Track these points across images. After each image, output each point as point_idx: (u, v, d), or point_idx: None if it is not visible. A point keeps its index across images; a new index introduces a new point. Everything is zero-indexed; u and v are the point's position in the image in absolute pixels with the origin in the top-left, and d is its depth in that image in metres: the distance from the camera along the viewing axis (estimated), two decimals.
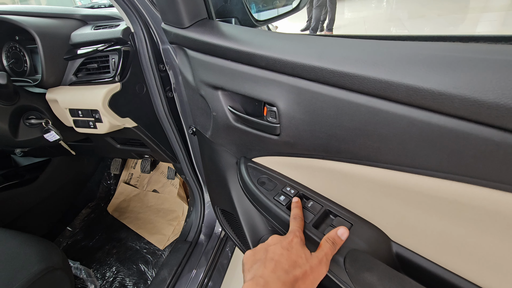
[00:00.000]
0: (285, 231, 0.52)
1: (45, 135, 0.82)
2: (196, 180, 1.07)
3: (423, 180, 0.34)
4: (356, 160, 0.40)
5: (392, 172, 0.37)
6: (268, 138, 0.51)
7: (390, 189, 0.39)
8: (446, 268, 0.39)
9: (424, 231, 0.39)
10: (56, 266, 0.72)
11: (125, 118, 0.79)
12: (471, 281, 0.37)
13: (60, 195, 1.30)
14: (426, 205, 0.36)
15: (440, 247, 0.38)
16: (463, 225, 0.33)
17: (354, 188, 0.45)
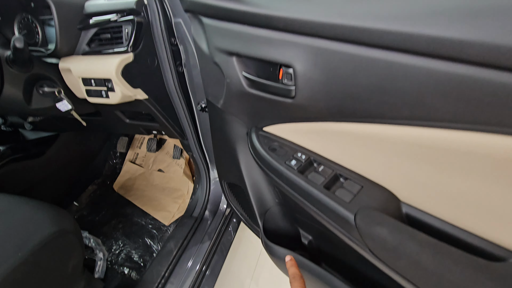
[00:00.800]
0: (294, 193, 0.54)
1: (57, 104, 0.83)
2: (202, 157, 1.09)
3: (438, 134, 0.35)
4: (370, 119, 0.41)
5: (406, 129, 0.38)
6: (282, 102, 0.52)
7: (402, 147, 0.40)
8: (457, 226, 0.40)
9: (434, 188, 0.40)
10: (68, 230, 0.74)
11: (137, 89, 0.80)
12: (484, 238, 0.38)
13: (67, 170, 1.32)
14: (438, 160, 0.37)
15: (451, 204, 0.40)
16: (476, 178, 0.34)
17: (366, 150, 0.46)
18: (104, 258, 1.01)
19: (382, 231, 0.41)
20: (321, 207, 0.49)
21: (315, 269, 0.65)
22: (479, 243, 0.38)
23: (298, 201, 0.55)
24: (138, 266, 1.07)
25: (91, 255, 1.03)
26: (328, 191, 0.49)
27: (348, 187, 0.49)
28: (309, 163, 0.55)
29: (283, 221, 0.81)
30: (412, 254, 0.38)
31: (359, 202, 0.46)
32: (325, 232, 0.69)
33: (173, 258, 0.94)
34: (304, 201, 0.53)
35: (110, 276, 1.00)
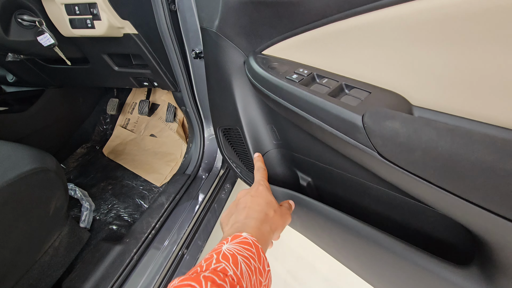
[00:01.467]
0: (296, 108, 0.49)
1: (38, 38, 0.76)
2: (196, 111, 1.03)
3: None
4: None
5: (420, 2, 0.34)
6: (283, 1, 0.47)
7: (422, 28, 0.36)
8: (480, 120, 0.36)
9: (450, 78, 0.36)
10: (49, 168, 0.69)
11: (125, 21, 0.74)
12: None
13: (53, 130, 1.25)
14: (452, 33, 0.32)
15: (467, 93, 0.36)
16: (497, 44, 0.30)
17: (375, 48, 0.42)
18: (91, 209, 0.96)
19: (394, 124, 0.37)
20: (325, 116, 0.45)
21: (314, 204, 0.61)
22: (495, 132, 0.34)
23: (299, 118, 0.50)
24: (128, 224, 1.02)
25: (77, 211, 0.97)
26: (334, 98, 0.45)
27: (355, 95, 0.45)
28: (311, 77, 0.50)
29: (280, 166, 0.76)
30: (429, 142, 0.34)
31: (367, 105, 0.42)
32: (325, 168, 0.65)
33: (165, 211, 0.90)
34: (306, 115, 0.48)
35: (97, 228, 0.95)
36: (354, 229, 0.54)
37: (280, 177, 0.76)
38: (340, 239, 0.60)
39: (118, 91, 1.51)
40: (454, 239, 0.47)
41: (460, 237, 0.45)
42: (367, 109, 0.41)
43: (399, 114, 0.38)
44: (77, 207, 1.04)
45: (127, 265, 0.75)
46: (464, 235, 0.44)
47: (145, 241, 0.81)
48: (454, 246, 0.47)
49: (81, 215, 0.93)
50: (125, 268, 0.75)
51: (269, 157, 0.76)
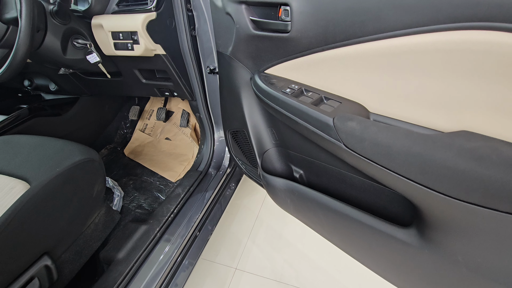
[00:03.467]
0: (289, 114, 0.67)
1: (87, 57, 0.96)
2: (208, 117, 1.22)
3: (391, 42, 0.49)
4: (347, 40, 0.55)
5: (371, 44, 0.52)
6: (280, 38, 0.65)
7: (369, 61, 0.54)
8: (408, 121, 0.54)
9: (392, 92, 0.54)
10: (95, 159, 0.87)
11: (157, 44, 0.94)
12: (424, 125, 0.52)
13: (83, 132, 1.45)
14: (393, 65, 0.50)
15: (403, 103, 0.53)
16: (422, 73, 0.48)
17: (343, 72, 0.60)
18: (121, 196, 1.13)
19: (352, 124, 0.54)
20: (309, 119, 0.63)
21: (304, 189, 0.78)
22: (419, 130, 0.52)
23: (291, 121, 0.68)
24: (148, 212, 1.19)
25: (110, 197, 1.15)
26: (315, 106, 0.63)
27: (330, 104, 0.63)
28: (300, 91, 0.68)
29: (278, 161, 0.94)
30: (373, 135, 0.52)
31: (337, 111, 0.60)
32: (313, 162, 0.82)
33: (181, 200, 1.07)
34: (295, 118, 0.66)
35: (125, 212, 1.13)
36: (333, 207, 0.71)
37: (279, 170, 0.93)
38: (323, 216, 0.76)
39: (139, 99, 1.71)
40: (401, 208, 0.63)
41: (404, 206, 0.62)
42: (336, 114, 0.58)
43: (356, 117, 0.55)
44: (107, 192, 1.22)
45: (151, 241, 0.92)
46: (407, 205, 0.61)
47: (165, 222, 0.98)
48: (401, 213, 0.63)
49: (113, 200, 1.10)
50: (149, 244, 0.91)
51: (270, 154, 0.94)
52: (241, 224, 1.50)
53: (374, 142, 0.51)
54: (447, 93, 0.46)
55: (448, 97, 0.46)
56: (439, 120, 0.50)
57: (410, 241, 0.58)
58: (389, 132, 0.50)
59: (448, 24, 0.42)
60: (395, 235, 0.60)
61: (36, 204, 0.70)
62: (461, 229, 0.48)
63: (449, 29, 0.42)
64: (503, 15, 0.37)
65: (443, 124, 0.49)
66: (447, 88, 0.46)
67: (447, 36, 0.43)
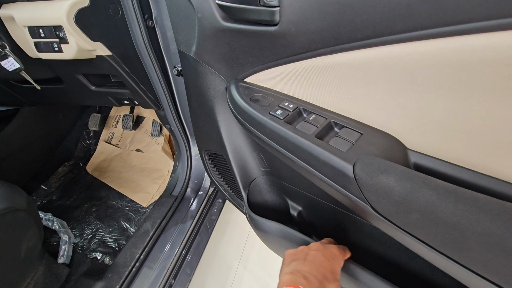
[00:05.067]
0: (281, 148, 0.45)
1: (2, 63, 0.70)
2: (182, 129, 0.98)
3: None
4: (378, 37, 0.32)
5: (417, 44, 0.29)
6: (264, 33, 0.42)
7: (411, 71, 0.31)
8: (480, 171, 0.32)
9: (451, 123, 0.32)
10: (18, 207, 0.63)
11: (97, 42, 0.68)
12: None
13: (32, 149, 1.18)
14: (455, 80, 0.28)
15: (467, 142, 0.32)
16: (498, 96, 0.26)
17: (365, 86, 0.37)
18: (70, 242, 0.91)
19: (388, 180, 0.33)
20: (312, 160, 0.41)
21: (306, 241, 0.57)
22: (504, 188, 0.31)
23: (284, 158, 0.46)
24: (113, 251, 0.97)
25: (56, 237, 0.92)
26: (321, 141, 0.41)
27: (345, 136, 0.41)
28: (297, 112, 0.46)
29: (269, 193, 0.72)
30: (428, 205, 0.30)
31: (358, 151, 0.38)
32: (317, 199, 0.61)
33: (150, 240, 0.85)
34: (292, 157, 0.44)
35: (78, 261, 0.90)
36: (351, 272, 0.50)
37: (270, 204, 0.72)
38: None
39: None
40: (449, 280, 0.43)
41: None
42: (359, 158, 0.37)
43: (395, 167, 0.33)
44: (53, 236, 0.98)
45: None
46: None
47: (129, 275, 0.76)
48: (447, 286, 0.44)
49: (59, 249, 0.87)
50: None
51: (258, 184, 0.72)
52: (231, 245, 1.30)
53: (431, 217, 0.30)
54: None
55: None
56: None
57: None
58: (460, 204, 0.29)
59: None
60: None
61: None
62: None
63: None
64: None
65: None
66: None
67: None
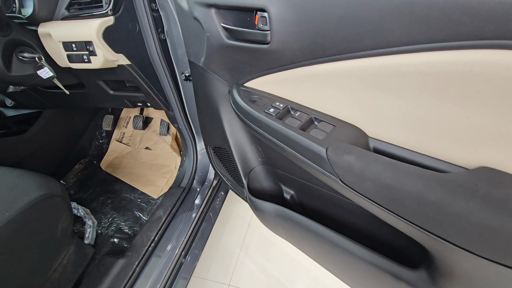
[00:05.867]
0: (273, 139, 0.57)
1: (38, 72, 0.82)
2: (188, 127, 1.10)
3: (396, 59, 0.39)
4: (339, 54, 0.44)
5: (370, 60, 0.41)
6: (259, 49, 0.54)
7: (368, 80, 0.44)
8: (416, 151, 0.44)
9: (396, 117, 0.44)
10: (55, 194, 0.75)
11: (119, 54, 0.81)
12: (434, 157, 0.43)
13: (52, 148, 1.31)
14: (398, 86, 0.40)
15: (409, 130, 0.44)
16: (430, 99, 0.38)
17: (336, 90, 0.49)
18: (94, 226, 1.03)
19: (350, 158, 0.45)
20: (297, 147, 0.53)
21: (296, 217, 0.69)
22: (430, 162, 0.43)
23: (276, 146, 0.58)
24: (128, 236, 1.09)
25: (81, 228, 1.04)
26: (304, 132, 0.53)
27: (322, 128, 0.53)
28: (286, 110, 0.58)
29: (266, 180, 0.84)
30: (376, 175, 0.42)
31: (331, 138, 0.50)
32: (305, 184, 0.73)
33: (163, 224, 0.97)
34: (282, 145, 0.56)
35: (100, 243, 1.02)
36: (330, 239, 0.63)
37: (267, 190, 0.84)
38: (319, 247, 0.68)
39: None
40: (407, 244, 0.55)
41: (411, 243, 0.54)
42: (330, 144, 0.49)
43: (355, 149, 0.46)
44: (79, 223, 1.11)
45: (130, 277, 0.82)
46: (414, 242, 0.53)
47: (146, 253, 0.88)
48: (406, 250, 0.56)
49: (85, 232, 0.99)
50: (128, 280, 0.82)
51: (256, 173, 0.84)
52: (233, 234, 1.42)
53: (378, 183, 0.42)
54: (465, 121, 0.37)
55: (465, 127, 0.37)
56: (452, 151, 0.40)
57: (418, 285, 0.50)
58: (396, 172, 0.41)
59: (471, 42, 0.32)
60: (401, 276, 0.52)
61: None
62: (479, 284, 0.40)
63: (472, 47, 0.33)
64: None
65: (458, 157, 0.40)
66: (464, 116, 0.37)
67: (468, 55, 0.33)
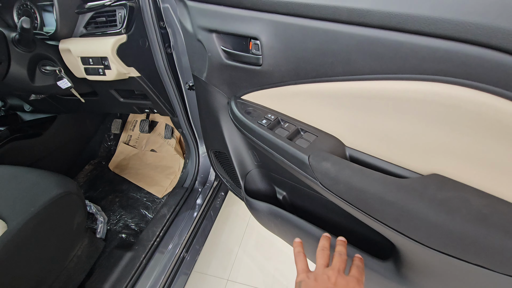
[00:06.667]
0: (265, 146, 0.66)
1: (58, 82, 0.92)
2: (191, 132, 1.19)
3: (362, 84, 0.47)
4: (318, 78, 0.53)
5: (342, 84, 0.50)
6: (252, 70, 0.63)
7: (342, 99, 0.52)
8: (382, 159, 0.53)
9: (367, 131, 0.52)
10: (72, 191, 0.85)
11: (130, 67, 0.90)
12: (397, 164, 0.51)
13: (65, 150, 1.41)
14: (365, 106, 0.49)
15: (378, 142, 0.52)
16: (392, 117, 0.47)
17: (318, 106, 0.58)
18: (104, 222, 1.12)
19: (327, 165, 0.53)
20: (284, 154, 0.61)
21: (286, 215, 0.78)
22: (394, 169, 0.51)
23: (268, 153, 0.66)
24: (135, 232, 1.18)
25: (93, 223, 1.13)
26: (291, 141, 0.61)
27: (306, 137, 0.61)
28: (276, 121, 0.67)
29: (261, 182, 0.93)
30: (347, 179, 0.51)
31: (313, 147, 0.59)
32: (295, 185, 0.81)
33: (167, 221, 1.06)
34: (272, 152, 0.65)
35: (110, 237, 1.11)
36: (314, 234, 0.71)
37: (262, 192, 0.93)
38: (306, 242, 0.77)
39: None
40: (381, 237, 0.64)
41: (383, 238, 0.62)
42: (312, 152, 0.57)
43: (331, 157, 0.54)
44: (90, 218, 1.20)
45: (137, 268, 0.91)
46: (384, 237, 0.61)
47: (151, 248, 0.97)
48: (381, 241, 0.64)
49: (96, 227, 1.09)
50: (136, 271, 0.91)
51: (252, 175, 0.93)
52: (232, 233, 1.51)
53: (348, 185, 0.50)
54: (418, 136, 0.45)
55: (419, 141, 0.46)
56: (411, 160, 0.49)
57: (386, 274, 0.58)
58: (363, 176, 0.49)
59: (416, 75, 0.41)
60: (373, 267, 0.60)
61: (13, 247, 0.68)
62: (434, 273, 0.48)
63: (417, 79, 0.41)
64: (469, 72, 0.36)
65: (415, 165, 0.49)
66: (417, 132, 0.45)
67: (415, 85, 0.41)
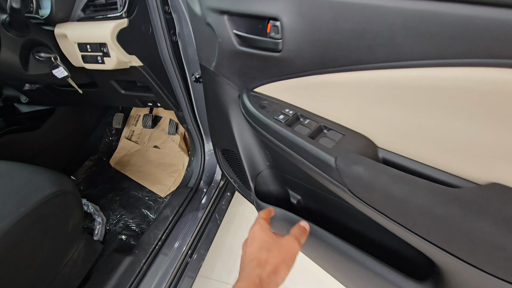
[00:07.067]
0: (282, 145, 0.58)
1: (53, 71, 0.84)
2: (197, 128, 1.12)
3: (408, 73, 0.39)
4: (350, 65, 0.45)
5: (381, 72, 0.42)
6: (270, 57, 0.55)
7: (379, 92, 0.44)
8: (424, 163, 0.44)
9: (406, 129, 0.44)
10: (67, 191, 0.77)
11: (132, 55, 0.82)
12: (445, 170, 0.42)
13: (63, 144, 1.34)
14: (409, 99, 0.40)
15: (420, 143, 0.44)
16: (440, 113, 0.38)
17: (346, 100, 0.50)
18: (103, 223, 1.05)
19: (359, 169, 0.45)
20: (305, 155, 0.53)
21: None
22: (440, 176, 0.43)
23: (285, 153, 0.58)
24: (136, 234, 1.11)
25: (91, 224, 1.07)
26: (313, 140, 0.53)
27: (331, 136, 0.53)
28: (295, 117, 0.58)
29: (273, 184, 0.85)
30: (384, 186, 0.42)
31: (340, 148, 0.50)
32: (312, 189, 0.73)
33: (169, 223, 0.99)
34: (290, 152, 0.56)
35: (109, 240, 1.05)
36: (335, 246, 0.63)
37: (274, 194, 0.85)
38: (325, 254, 0.69)
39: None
40: (414, 255, 0.55)
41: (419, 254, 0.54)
42: (339, 153, 0.49)
43: (364, 160, 0.46)
44: (88, 219, 1.14)
45: (137, 274, 0.84)
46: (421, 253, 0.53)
47: (153, 251, 0.90)
48: (414, 261, 0.56)
49: (94, 229, 1.02)
50: (135, 277, 0.84)
51: (263, 176, 0.85)
52: (238, 235, 1.43)
53: (386, 195, 0.42)
54: (476, 137, 0.37)
55: (476, 142, 0.37)
56: (462, 165, 0.40)
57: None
58: (405, 184, 0.41)
59: (485, 60, 0.32)
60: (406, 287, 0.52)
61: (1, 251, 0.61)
62: None
63: (486, 65, 0.32)
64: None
65: (469, 171, 0.40)
66: (476, 131, 0.36)
67: (482, 73, 0.33)
